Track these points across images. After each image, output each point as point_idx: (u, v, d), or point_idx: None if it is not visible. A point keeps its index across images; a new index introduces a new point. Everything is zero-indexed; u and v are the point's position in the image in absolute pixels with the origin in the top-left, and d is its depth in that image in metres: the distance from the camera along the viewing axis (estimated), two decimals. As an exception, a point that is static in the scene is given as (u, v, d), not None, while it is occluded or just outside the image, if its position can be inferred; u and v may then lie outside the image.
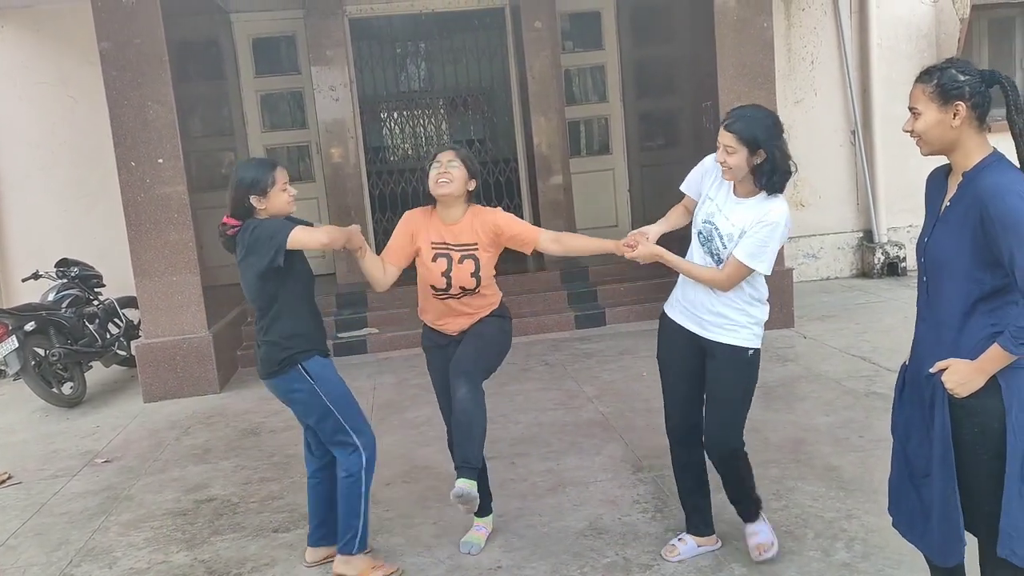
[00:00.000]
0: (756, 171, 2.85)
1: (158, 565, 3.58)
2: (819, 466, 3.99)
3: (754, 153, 2.82)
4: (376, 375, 6.31)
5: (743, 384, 3.03)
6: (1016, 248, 2.02)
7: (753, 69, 6.44)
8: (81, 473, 4.77)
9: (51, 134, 7.63)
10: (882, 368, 5.39)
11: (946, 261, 2.21)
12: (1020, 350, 2.05)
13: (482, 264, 3.28)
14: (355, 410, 3.24)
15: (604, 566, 3.24)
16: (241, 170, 3.12)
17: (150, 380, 6.10)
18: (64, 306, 6.39)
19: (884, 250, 8.32)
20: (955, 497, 2.20)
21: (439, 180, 3.22)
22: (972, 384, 2.14)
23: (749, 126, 2.82)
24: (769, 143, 2.81)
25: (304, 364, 3.13)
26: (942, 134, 2.19)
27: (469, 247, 3.27)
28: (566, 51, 8.89)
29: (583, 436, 4.63)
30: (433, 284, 3.30)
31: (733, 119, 2.86)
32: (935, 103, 2.17)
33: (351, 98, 8.19)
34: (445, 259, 3.27)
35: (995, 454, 2.15)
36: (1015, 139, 2.19)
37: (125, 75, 5.86)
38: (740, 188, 2.95)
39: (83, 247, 7.32)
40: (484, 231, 3.29)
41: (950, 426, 2.19)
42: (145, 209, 5.97)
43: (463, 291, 3.30)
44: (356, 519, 3.20)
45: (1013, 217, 2.04)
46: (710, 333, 3.00)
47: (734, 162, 2.84)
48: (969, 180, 2.18)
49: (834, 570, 3.07)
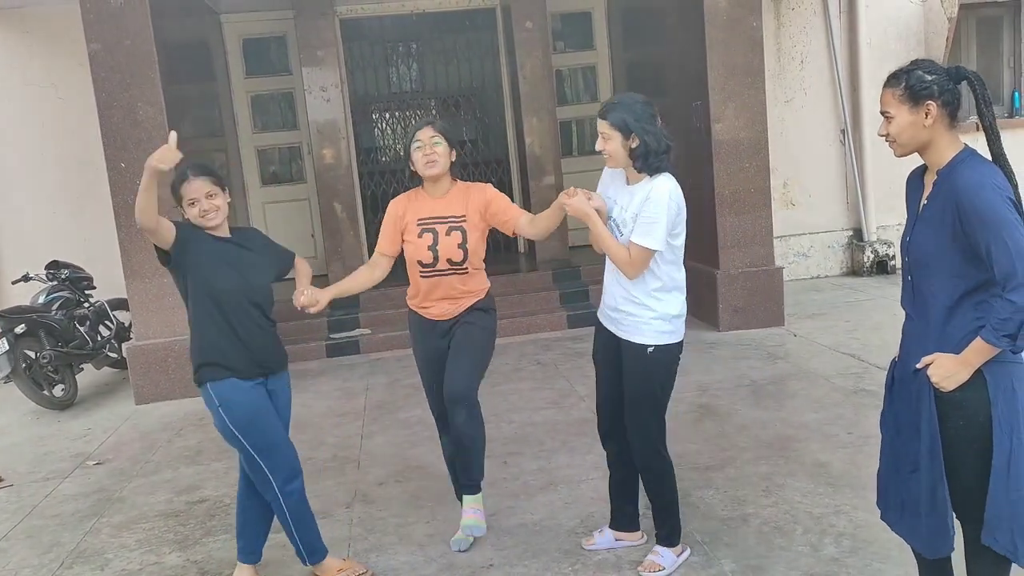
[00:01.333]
0: (632, 155, 2.95)
1: (150, 566, 3.58)
2: (808, 462, 4.01)
3: (628, 138, 2.92)
4: (369, 376, 6.32)
5: (648, 383, 3.02)
6: (993, 241, 2.05)
7: (743, 68, 6.47)
8: (72, 475, 4.77)
9: (41, 135, 7.62)
10: (871, 365, 5.43)
11: (929, 258, 2.23)
12: (1002, 342, 2.08)
13: (470, 239, 3.28)
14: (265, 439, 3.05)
15: (595, 564, 3.26)
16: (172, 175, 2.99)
17: (142, 382, 6.09)
18: (55, 308, 6.37)
19: (873, 248, 8.37)
20: (943, 489, 2.23)
21: (427, 162, 3.25)
22: (957, 377, 2.17)
23: (620, 113, 2.93)
24: (639, 126, 2.90)
25: (211, 386, 3.00)
26: (915, 135, 2.22)
27: (457, 219, 3.29)
28: (557, 51, 8.91)
29: (575, 435, 4.65)
30: (420, 259, 3.29)
31: (606, 108, 2.97)
32: (906, 105, 2.20)
33: (342, 99, 8.19)
34: (431, 233, 3.28)
35: (980, 446, 2.18)
36: (985, 132, 2.22)
37: (115, 76, 5.86)
38: (630, 177, 3.05)
39: (73, 249, 7.31)
40: (474, 205, 3.31)
41: (937, 419, 2.22)
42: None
43: (451, 265, 3.28)
44: (293, 539, 3.18)
45: (989, 211, 2.07)
46: (620, 331, 3.07)
47: (611, 148, 2.96)
48: (944, 177, 2.21)
49: (823, 565, 3.09)
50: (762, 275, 6.63)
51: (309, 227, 8.81)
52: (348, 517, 3.88)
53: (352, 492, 4.17)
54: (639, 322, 3.00)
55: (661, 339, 2.99)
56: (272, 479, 3.06)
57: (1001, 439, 2.16)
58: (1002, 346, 2.09)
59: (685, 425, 4.57)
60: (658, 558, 3.16)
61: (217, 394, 3.01)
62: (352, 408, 5.56)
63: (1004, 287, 2.06)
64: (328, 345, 6.99)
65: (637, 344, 3.01)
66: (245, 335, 3.03)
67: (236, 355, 3.01)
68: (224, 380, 3.00)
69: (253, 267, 3.10)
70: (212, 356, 3.02)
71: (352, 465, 4.55)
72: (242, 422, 3.01)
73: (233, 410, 3.01)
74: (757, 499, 3.68)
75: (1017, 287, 2.03)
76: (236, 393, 3.01)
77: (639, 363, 3.02)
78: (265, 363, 3.10)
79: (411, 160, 3.31)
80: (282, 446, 3.10)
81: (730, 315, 6.62)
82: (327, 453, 4.71)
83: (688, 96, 6.88)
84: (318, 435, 5.03)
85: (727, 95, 6.48)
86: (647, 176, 2.98)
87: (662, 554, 3.17)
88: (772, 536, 3.33)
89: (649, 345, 2.99)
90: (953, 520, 2.25)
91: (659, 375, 3.03)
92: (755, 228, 6.61)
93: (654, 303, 2.98)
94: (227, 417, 3.01)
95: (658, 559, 3.16)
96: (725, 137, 6.52)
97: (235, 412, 3.01)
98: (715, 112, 6.49)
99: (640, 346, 3.00)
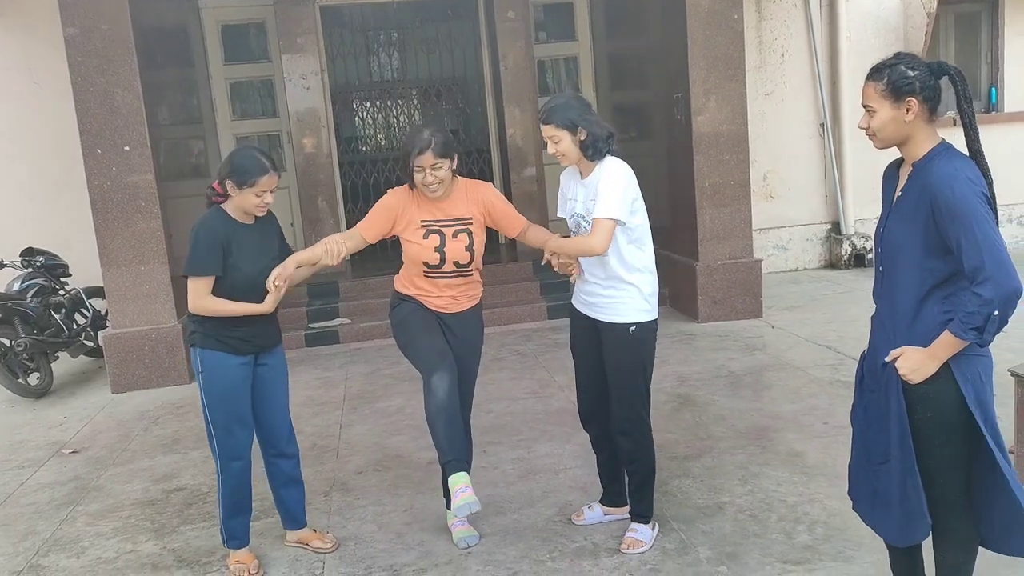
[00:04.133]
0: (583, 147, 3.06)
1: (126, 554, 3.56)
2: (784, 452, 4.06)
3: (575, 133, 3.03)
4: (348, 365, 6.30)
5: (634, 359, 3.15)
6: (963, 234, 2.08)
7: (724, 61, 6.50)
8: (48, 464, 4.73)
9: (15, 121, 7.49)
10: (847, 357, 5.49)
11: (900, 250, 2.26)
12: (969, 335, 2.11)
13: (476, 241, 3.25)
14: (225, 418, 3.14)
15: (573, 551, 3.28)
16: (240, 155, 3.13)
17: (118, 370, 6.04)
18: (30, 296, 6.30)
19: (851, 242, 8.45)
20: (914, 479, 2.26)
21: (430, 188, 3.15)
22: (925, 370, 2.20)
23: (561, 113, 3.04)
24: (582, 119, 3.03)
25: (200, 352, 3.13)
26: (896, 129, 2.24)
27: (464, 221, 3.23)
28: (539, 42, 8.89)
29: (554, 424, 4.67)
30: (426, 260, 3.20)
31: (546, 113, 3.08)
32: (888, 100, 2.22)
33: (322, 87, 8.14)
34: (437, 235, 3.19)
35: (947, 438, 2.22)
36: (964, 128, 2.25)
37: (91, 61, 5.78)
38: (583, 171, 3.15)
39: (49, 236, 7.21)
40: (478, 206, 3.27)
41: (905, 411, 2.25)
42: (112, 197, 5.90)
43: (456, 267, 3.23)
44: (220, 516, 3.29)
45: (961, 204, 2.09)
46: (600, 315, 3.16)
47: (564, 148, 3.06)
48: (919, 170, 2.23)
49: (796, 552, 3.14)
50: (741, 267, 6.68)
51: (289, 217, 8.73)
52: (326, 505, 3.88)
53: (331, 481, 4.17)
54: (617, 303, 3.12)
55: (640, 316, 3.13)
56: (217, 456, 3.20)
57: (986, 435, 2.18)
58: (969, 339, 2.12)
59: (664, 415, 4.61)
60: (637, 534, 3.25)
61: (203, 360, 3.13)
62: (331, 397, 5.55)
63: (972, 280, 2.08)
64: (308, 335, 6.96)
65: (619, 324, 3.12)
66: (251, 318, 3.13)
67: (235, 332, 3.12)
68: (214, 351, 3.12)
69: (270, 252, 3.20)
70: (211, 327, 3.11)
71: (331, 454, 4.54)
72: (214, 395, 3.14)
73: (211, 381, 3.13)
74: (733, 488, 3.72)
75: (985, 280, 2.05)
76: (220, 367, 3.12)
77: (623, 342, 3.13)
78: (260, 341, 3.21)
79: (408, 174, 3.17)
80: (238, 433, 3.19)
81: (709, 307, 6.67)
82: (306, 442, 4.69)
83: (670, 88, 6.90)
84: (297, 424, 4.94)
85: (708, 88, 6.51)
86: (596, 165, 3.10)
87: (640, 530, 3.27)
88: (747, 524, 3.37)
89: (631, 324, 3.11)
90: (926, 509, 2.28)
91: (642, 351, 3.17)
92: (735, 220, 6.65)
93: (629, 284, 3.11)
94: (203, 385, 3.15)
95: (638, 535, 3.25)
96: (706, 130, 6.54)
97: (212, 384, 3.13)
98: (696, 104, 6.51)
99: (622, 326, 3.12)
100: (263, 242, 3.19)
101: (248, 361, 3.18)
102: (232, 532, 3.30)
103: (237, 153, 3.16)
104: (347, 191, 8.84)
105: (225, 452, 3.19)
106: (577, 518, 3.50)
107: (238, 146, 3.18)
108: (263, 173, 3.05)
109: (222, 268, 3.06)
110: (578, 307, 3.29)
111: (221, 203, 3.14)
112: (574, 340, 3.37)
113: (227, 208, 3.13)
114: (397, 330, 3.36)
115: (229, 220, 3.11)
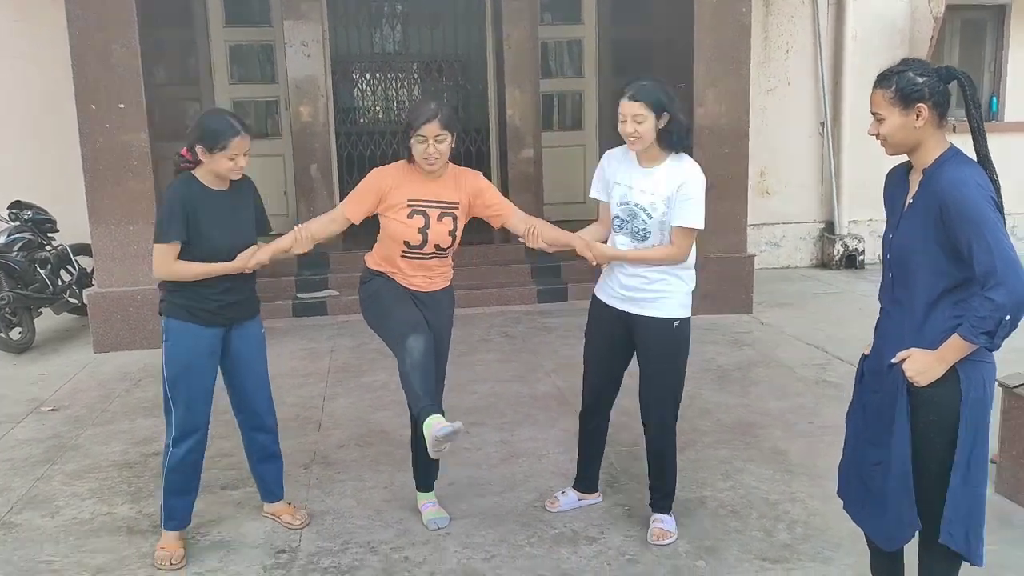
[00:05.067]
0: (662, 134, 3.00)
1: (102, 516, 3.53)
2: (767, 449, 4.06)
3: (660, 117, 2.97)
4: (335, 337, 6.27)
5: (676, 355, 3.16)
6: (974, 238, 2.07)
7: (729, 54, 6.45)
8: (26, 420, 4.68)
9: (8, 71, 7.37)
10: (834, 357, 5.50)
11: (911, 255, 2.24)
12: (979, 339, 2.10)
13: (459, 226, 3.21)
14: (183, 391, 3.07)
15: (552, 537, 3.28)
16: (208, 118, 3.03)
17: (101, 330, 5.98)
18: (15, 249, 6.22)
19: (844, 242, 8.45)
20: (909, 481, 2.25)
21: (429, 160, 3.06)
22: (932, 373, 2.19)
23: (652, 92, 2.96)
24: (671, 106, 2.99)
25: (168, 321, 3.07)
26: (907, 136, 2.22)
27: (451, 205, 3.17)
28: (544, 23, 8.81)
29: (538, 409, 4.66)
30: (407, 240, 3.13)
31: (635, 89, 2.98)
32: (897, 107, 2.20)
33: (323, 55, 8.03)
34: (422, 216, 3.13)
35: (947, 444, 2.21)
36: (972, 133, 2.23)
37: (89, 14, 5.67)
38: (645, 159, 3.08)
39: (37, 190, 7.09)
40: (466, 193, 3.21)
41: (907, 414, 2.23)
42: (104, 155, 5.81)
43: (436, 250, 3.19)
44: (162, 494, 3.18)
45: (971, 209, 2.08)
46: (642, 309, 3.11)
47: (644, 130, 2.97)
48: (929, 176, 2.22)
49: (775, 550, 3.14)
50: (734, 262, 6.67)
51: (282, 185, 8.66)
52: (306, 478, 3.85)
53: (311, 453, 4.14)
54: (663, 298, 3.09)
55: (683, 312, 3.13)
56: (172, 428, 3.10)
57: (965, 436, 2.19)
58: (980, 343, 2.11)
59: (648, 405, 4.60)
60: (664, 524, 3.25)
61: (169, 329, 3.07)
62: (316, 369, 5.51)
63: (984, 285, 2.08)
64: (295, 304, 6.91)
65: (663, 319, 3.09)
66: (225, 289, 3.07)
67: (206, 303, 3.05)
68: (184, 321, 3.05)
69: (246, 223, 3.13)
70: (181, 297, 3.04)
71: (313, 426, 4.52)
72: (177, 365, 3.06)
73: (176, 352, 3.06)
74: (715, 482, 3.72)
75: (996, 285, 2.05)
76: (187, 337, 3.05)
77: (667, 337, 3.12)
78: (232, 313, 3.14)
79: (408, 145, 3.09)
80: (197, 407, 3.11)
81: (700, 300, 6.51)
82: (289, 413, 4.66)
83: (673, 77, 6.80)
84: (280, 395, 4.93)
85: (711, 79, 6.46)
86: (667, 156, 3.04)
87: (666, 520, 3.26)
88: (727, 519, 3.38)
89: (675, 319, 3.10)
90: (916, 513, 2.28)
91: (684, 346, 3.17)
92: (730, 215, 6.63)
93: (678, 279, 3.12)
94: (167, 355, 3.07)
95: (666, 525, 3.25)
96: (706, 122, 6.50)
97: (176, 354, 3.06)
98: (698, 96, 6.46)
99: (667, 320, 3.10)
100: (236, 210, 3.09)
101: (217, 334, 3.10)
102: (172, 511, 3.17)
103: (206, 117, 3.06)
104: (342, 162, 8.76)
105: (181, 426, 3.08)
106: (551, 505, 3.48)
107: (205, 110, 3.06)
108: (235, 135, 2.94)
109: (186, 234, 2.96)
110: (607, 301, 3.21)
111: (191, 170, 3.04)
112: (593, 332, 3.31)
113: (198, 174, 3.03)
114: (369, 302, 3.26)
115: (199, 186, 3.01)
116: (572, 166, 8.91)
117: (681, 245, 3.04)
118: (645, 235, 3.06)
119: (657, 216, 3.02)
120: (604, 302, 3.23)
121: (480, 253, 7.43)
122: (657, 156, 3.04)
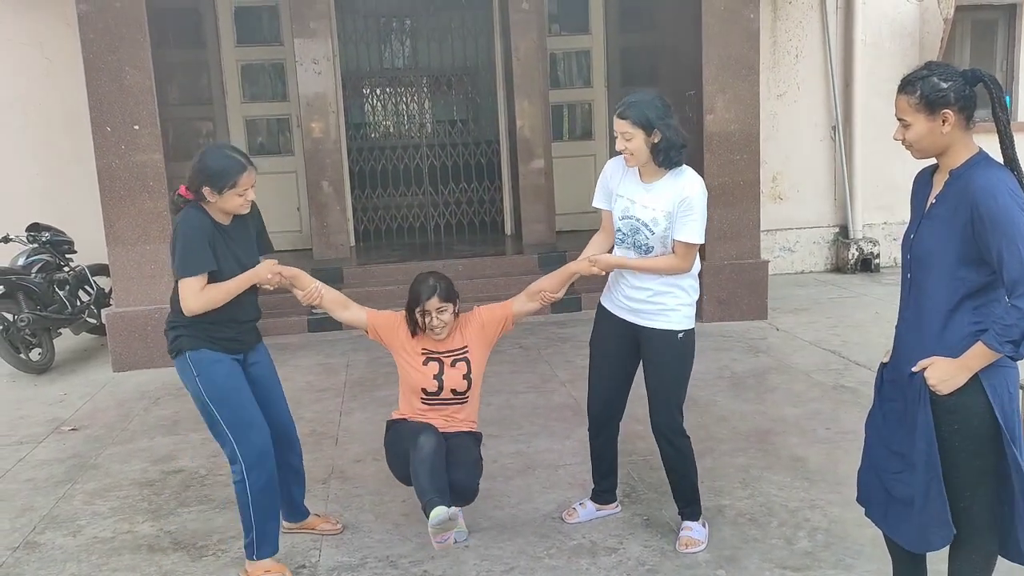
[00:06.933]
0: (654, 151, 2.97)
1: (123, 535, 3.56)
2: (785, 456, 4.04)
3: (650, 134, 2.94)
4: (350, 352, 6.29)
5: (681, 366, 3.15)
6: (1005, 246, 2.04)
7: (738, 60, 6.46)
8: (47, 440, 4.72)
9: (25, 96, 7.47)
10: (851, 362, 5.46)
11: (932, 257, 2.22)
12: (1005, 348, 2.08)
13: (473, 365, 3.32)
14: (238, 416, 3.00)
15: (570, 548, 3.27)
16: (210, 158, 2.93)
17: (120, 349, 6.03)
18: (34, 271, 6.28)
19: (859, 246, 8.41)
20: (940, 484, 2.21)
21: (436, 331, 3.24)
22: (955, 381, 2.16)
23: (640, 110, 2.95)
24: (660, 122, 2.94)
25: (190, 355, 2.99)
26: (934, 141, 2.20)
27: (460, 351, 3.32)
28: (552, 34, 8.84)
29: (554, 420, 4.66)
30: (424, 387, 3.30)
31: (624, 107, 2.97)
32: (922, 113, 2.18)
33: (334, 72, 8.09)
34: (436, 363, 3.29)
35: (976, 450, 2.18)
36: (1000, 135, 2.20)
37: (103, 38, 5.75)
38: (646, 174, 3.07)
39: (55, 212, 7.20)
40: (471, 334, 3.35)
41: (932, 422, 2.21)
42: (120, 176, 5.89)
43: (453, 395, 3.31)
44: (249, 527, 3.06)
45: (1004, 216, 2.06)
46: (647, 321, 3.11)
47: (634, 146, 2.97)
48: (956, 177, 2.19)
49: (796, 558, 3.12)
50: (747, 268, 6.65)
51: (295, 201, 8.72)
52: (324, 493, 3.87)
53: (329, 468, 4.16)
54: (667, 310, 3.09)
55: (687, 323, 3.12)
56: (241, 458, 2.99)
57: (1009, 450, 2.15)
58: (1005, 352, 2.09)
59: (665, 414, 4.59)
60: (694, 533, 3.24)
61: (196, 362, 2.99)
62: (332, 384, 5.53)
63: (1011, 293, 2.05)
64: (310, 320, 6.94)
65: (667, 331, 3.09)
66: (240, 314, 3.06)
67: (224, 332, 3.03)
68: (208, 350, 3.00)
69: (250, 247, 3.12)
70: (200, 329, 2.99)
71: (330, 441, 4.53)
72: (221, 391, 3.00)
73: (213, 379, 2.99)
74: (733, 491, 3.70)
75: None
76: (215, 364, 3.00)
77: (671, 349, 3.11)
78: (246, 339, 3.15)
79: (412, 319, 3.27)
80: (257, 424, 3.04)
81: (714, 307, 6.64)
82: (305, 428, 4.68)
83: (682, 85, 6.85)
84: (296, 410, 4.95)
85: (721, 86, 6.47)
86: (667, 172, 3.03)
87: (695, 528, 3.25)
88: (747, 528, 3.36)
89: (680, 331, 3.10)
90: (950, 517, 2.24)
91: (688, 357, 3.16)
92: (743, 221, 6.62)
93: (684, 291, 3.10)
94: (204, 388, 2.98)
95: (694, 534, 3.23)
96: (717, 128, 6.50)
97: (215, 381, 2.99)
98: (708, 103, 6.47)
99: (671, 332, 3.09)
100: (241, 241, 3.07)
101: (240, 359, 3.11)
102: (267, 537, 3.07)
103: (207, 156, 2.94)
104: (354, 177, 8.82)
105: (249, 449, 2.98)
106: (569, 516, 3.47)
107: (204, 149, 3.00)
108: (242, 171, 2.90)
109: (216, 263, 2.92)
110: (613, 311, 3.23)
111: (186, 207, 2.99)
112: (599, 341, 3.31)
113: (206, 207, 2.97)
114: (390, 444, 3.35)
115: (210, 220, 2.97)
116: (583, 176, 8.91)
117: (685, 257, 3.04)
118: (648, 249, 3.09)
119: (659, 231, 3.03)
120: (610, 311, 3.25)
121: (494, 264, 7.45)
122: (656, 171, 3.04)
